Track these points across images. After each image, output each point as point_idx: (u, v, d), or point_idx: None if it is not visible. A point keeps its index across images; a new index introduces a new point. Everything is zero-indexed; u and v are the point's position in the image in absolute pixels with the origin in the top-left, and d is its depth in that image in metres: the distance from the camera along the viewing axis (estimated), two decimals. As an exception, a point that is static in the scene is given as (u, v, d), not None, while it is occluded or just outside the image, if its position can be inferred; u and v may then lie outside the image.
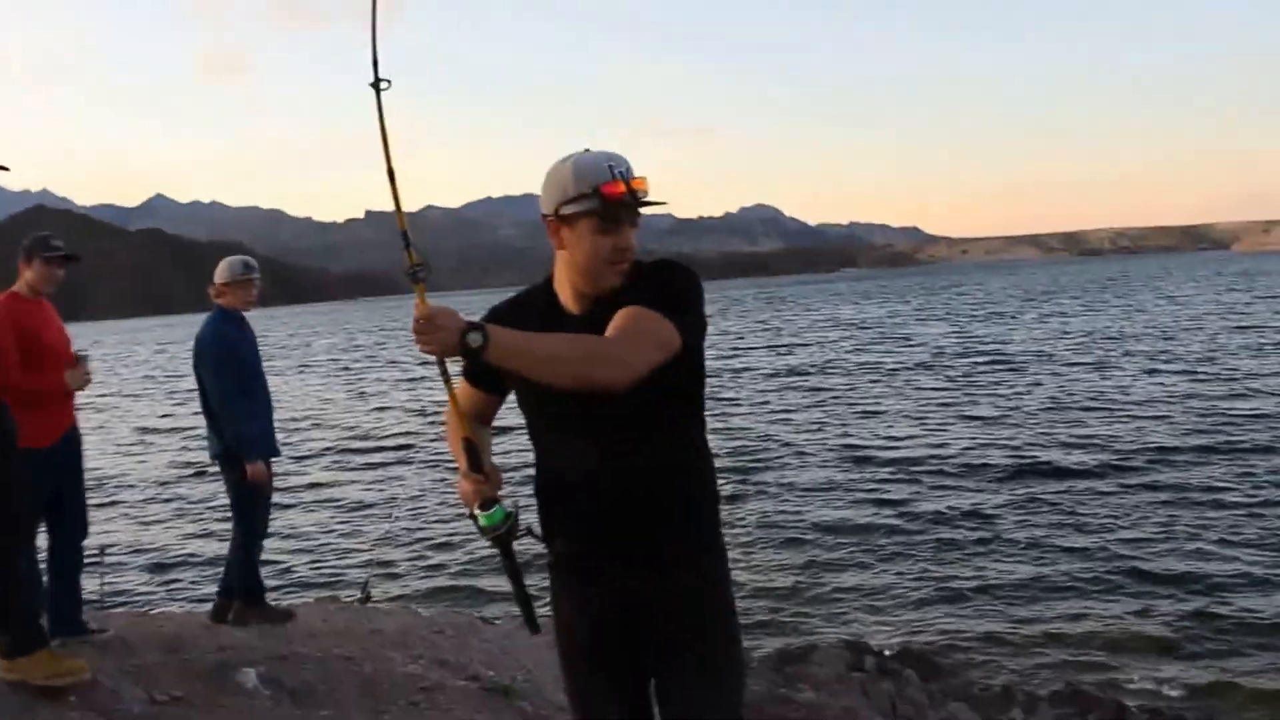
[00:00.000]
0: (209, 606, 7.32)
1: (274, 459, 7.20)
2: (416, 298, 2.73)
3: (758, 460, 20.98)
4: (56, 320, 6.38)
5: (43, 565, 6.12)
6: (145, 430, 32.17)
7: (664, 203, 3.06)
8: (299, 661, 6.08)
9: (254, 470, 6.92)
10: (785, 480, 19.10)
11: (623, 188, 2.88)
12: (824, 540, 14.87)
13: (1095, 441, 20.49)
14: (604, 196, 2.88)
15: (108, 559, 10.45)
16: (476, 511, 2.99)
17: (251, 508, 7.09)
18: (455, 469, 3.04)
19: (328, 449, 26.37)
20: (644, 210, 2.98)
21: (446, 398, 3.07)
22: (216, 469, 7.18)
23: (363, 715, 5.55)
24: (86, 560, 6.63)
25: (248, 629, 6.81)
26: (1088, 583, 12.25)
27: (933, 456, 20.15)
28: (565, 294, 3.08)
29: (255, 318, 7.38)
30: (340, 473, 23.06)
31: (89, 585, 7.14)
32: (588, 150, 2.97)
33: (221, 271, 7.14)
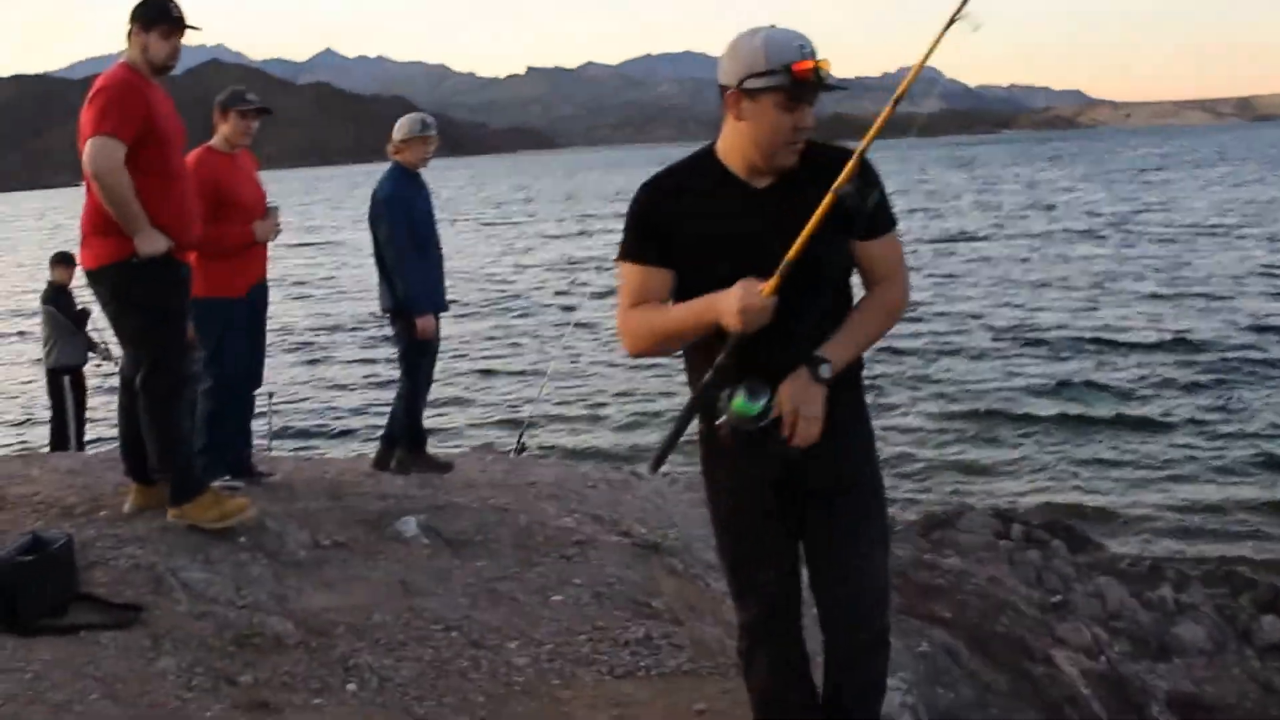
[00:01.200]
0: (372, 454, 7.47)
1: (442, 314, 7.26)
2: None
3: (909, 327, 20.59)
4: (252, 173, 6.52)
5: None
6: (310, 282, 32.86)
7: (846, 88, 3.07)
8: (456, 511, 6.16)
9: (423, 324, 6.96)
10: (938, 348, 18.77)
11: (811, 67, 2.85)
12: (974, 409, 14.63)
13: (1262, 321, 19.63)
14: (793, 74, 2.84)
15: (275, 405, 10.72)
16: (740, 395, 2.92)
17: (418, 360, 7.16)
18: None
19: (486, 303, 26.66)
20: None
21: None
22: (386, 321, 7.27)
23: (516, 566, 5.61)
24: (256, 408, 6.82)
25: (408, 477, 6.93)
26: (1246, 466, 11.82)
27: (1091, 329, 19.56)
28: (737, 166, 3.04)
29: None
30: (499, 327, 23.34)
31: (257, 430, 7.31)
32: (775, 26, 2.92)
33: (400, 128, 7.11)
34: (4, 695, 3.73)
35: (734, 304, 2.83)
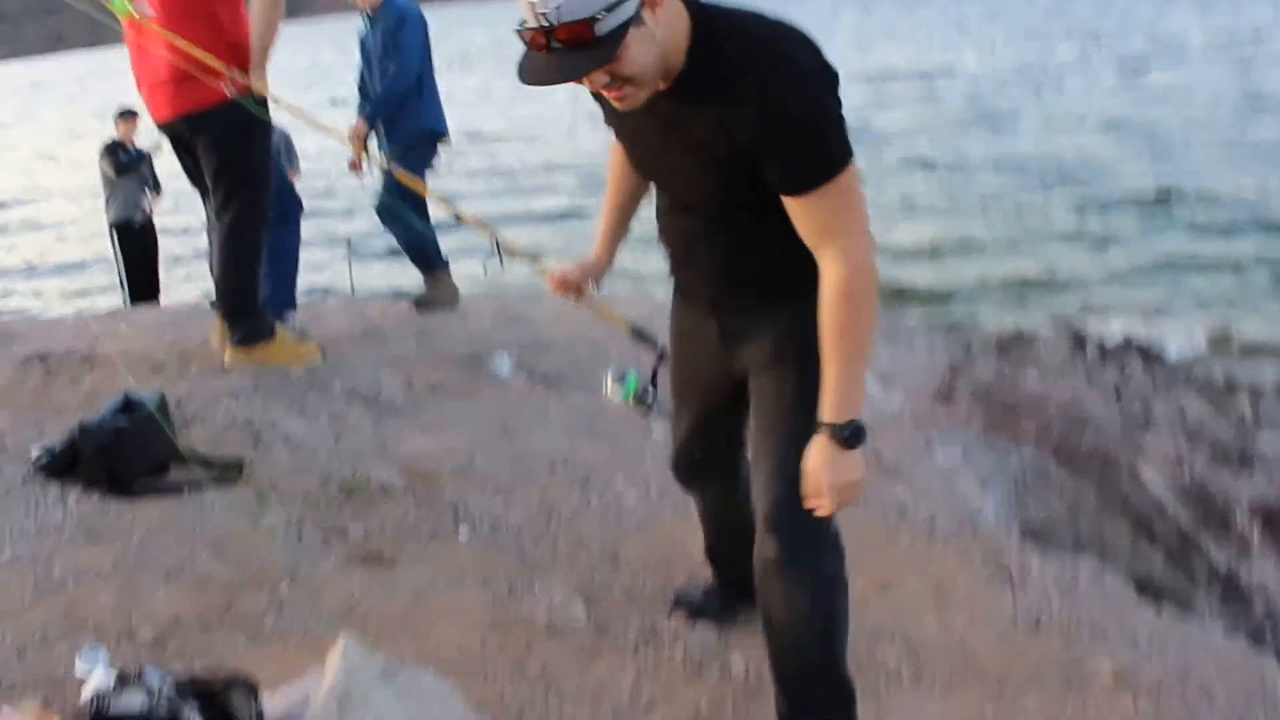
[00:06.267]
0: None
1: None
2: None
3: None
4: None
5: None
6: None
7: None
8: (545, 347, 5.73)
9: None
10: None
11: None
12: (1029, 226, 13.73)
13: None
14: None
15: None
16: (611, 383, 2.99)
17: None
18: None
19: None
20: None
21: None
22: None
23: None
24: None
25: (496, 315, 6.44)
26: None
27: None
28: None
29: None
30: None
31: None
32: None
33: None
34: (113, 561, 3.38)
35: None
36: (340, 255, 11.53)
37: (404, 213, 6.24)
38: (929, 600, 3.66)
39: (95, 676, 2.24)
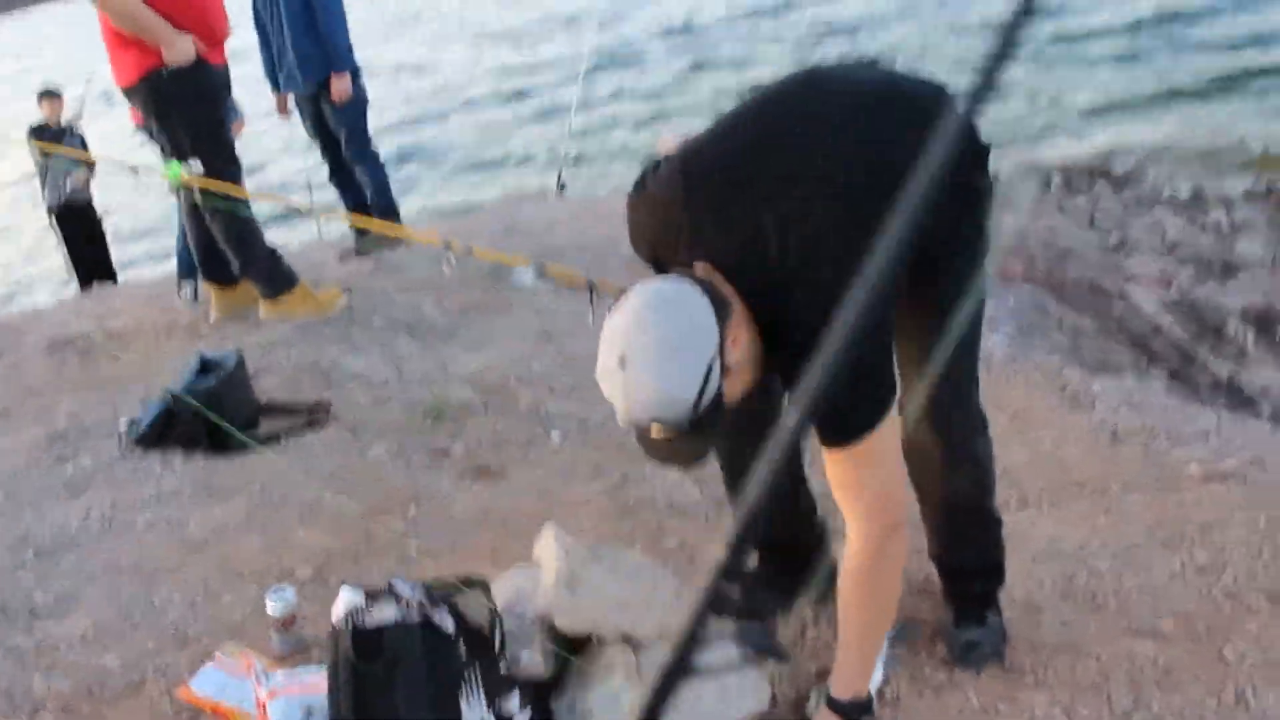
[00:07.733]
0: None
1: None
2: None
3: None
4: None
5: None
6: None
7: None
8: (558, 254, 5.98)
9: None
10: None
11: None
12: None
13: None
14: None
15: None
16: None
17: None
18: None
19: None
20: None
21: None
22: None
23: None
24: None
25: (502, 234, 6.67)
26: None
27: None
28: None
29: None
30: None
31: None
32: None
33: None
34: (245, 512, 3.62)
35: None
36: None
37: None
38: (1012, 429, 4.02)
39: (344, 597, 2.47)
